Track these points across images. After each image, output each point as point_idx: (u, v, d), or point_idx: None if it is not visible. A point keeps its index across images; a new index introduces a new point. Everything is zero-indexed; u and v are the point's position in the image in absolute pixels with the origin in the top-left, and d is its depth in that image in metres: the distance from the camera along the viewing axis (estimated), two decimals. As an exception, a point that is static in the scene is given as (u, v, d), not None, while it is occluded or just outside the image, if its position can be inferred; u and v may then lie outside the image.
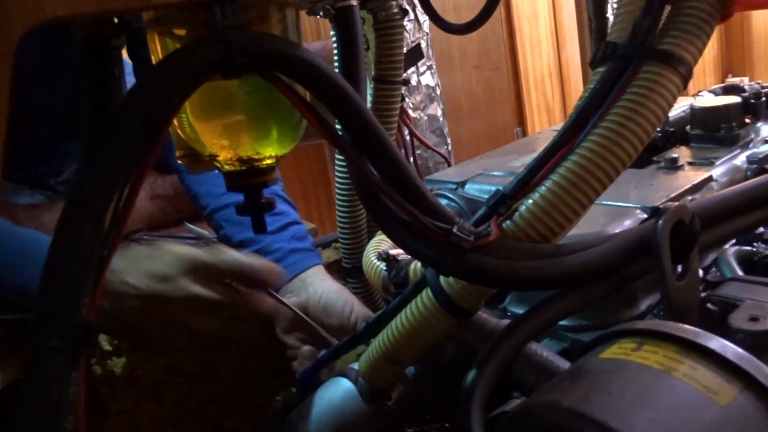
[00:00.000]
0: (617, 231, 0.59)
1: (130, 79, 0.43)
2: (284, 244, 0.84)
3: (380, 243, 0.70)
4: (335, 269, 0.92)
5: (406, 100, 1.42)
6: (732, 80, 3.49)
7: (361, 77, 0.50)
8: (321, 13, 0.52)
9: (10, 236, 0.64)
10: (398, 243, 0.47)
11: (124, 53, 0.48)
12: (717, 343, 0.34)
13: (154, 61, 0.44)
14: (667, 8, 0.50)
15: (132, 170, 0.34)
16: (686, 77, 0.49)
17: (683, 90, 0.50)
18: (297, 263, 0.83)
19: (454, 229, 0.43)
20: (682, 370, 0.32)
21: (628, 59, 0.49)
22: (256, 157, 0.44)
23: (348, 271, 0.88)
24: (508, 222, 0.48)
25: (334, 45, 0.76)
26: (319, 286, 0.81)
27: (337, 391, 0.62)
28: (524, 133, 2.65)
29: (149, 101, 0.33)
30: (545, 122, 2.73)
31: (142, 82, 0.34)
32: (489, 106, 2.54)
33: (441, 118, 1.50)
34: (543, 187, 0.47)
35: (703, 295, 0.50)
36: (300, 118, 0.45)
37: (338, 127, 0.43)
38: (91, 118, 0.38)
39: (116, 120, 0.32)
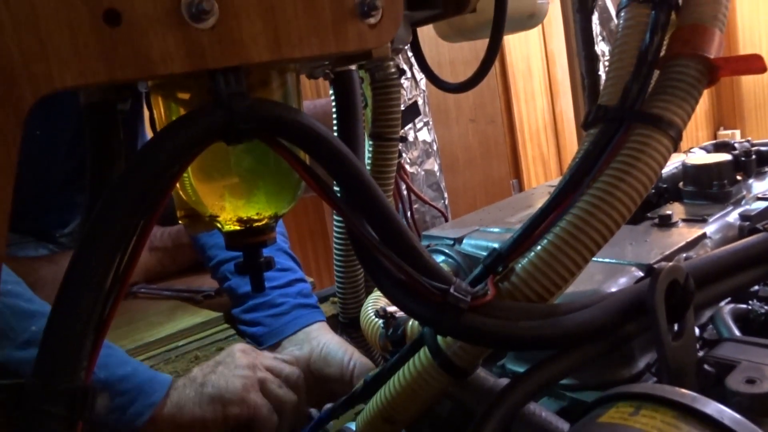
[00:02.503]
0: (613, 289, 0.60)
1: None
2: (290, 299, 0.85)
3: (378, 299, 0.70)
4: (332, 324, 0.92)
5: (404, 155, 1.44)
6: (723, 133, 3.56)
7: (359, 139, 0.51)
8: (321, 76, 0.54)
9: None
10: (395, 302, 0.47)
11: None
12: (714, 409, 0.34)
13: (158, 123, 0.45)
14: (657, 73, 0.52)
15: (134, 231, 0.35)
16: (676, 140, 0.50)
17: (674, 151, 0.51)
18: (302, 317, 0.84)
19: (451, 290, 0.43)
20: (679, 435, 0.32)
21: (619, 122, 0.50)
22: (256, 217, 0.44)
23: (345, 326, 0.88)
24: (504, 281, 0.48)
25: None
26: (322, 339, 0.82)
27: (334, 452, 0.61)
28: (520, 185, 2.68)
29: (153, 165, 0.33)
30: (540, 174, 2.77)
31: (147, 147, 0.34)
32: (485, 158, 2.58)
33: (438, 173, 1.53)
34: (539, 247, 0.48)
35: (700, 354, 0.50)
36: (299, 178, 0.46)
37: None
38: (95, 181, 0.39)
39: (121, 183, 0.33)
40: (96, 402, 0.32)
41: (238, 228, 0.45)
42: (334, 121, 0.62)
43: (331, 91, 0.78)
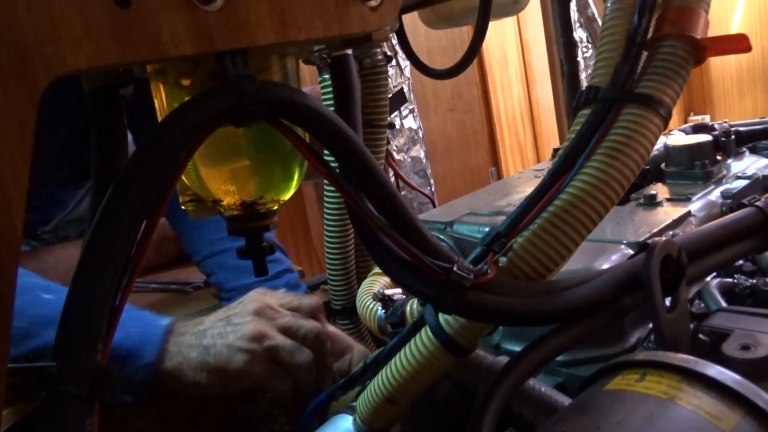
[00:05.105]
0: (605, 266, 0.61)
1: None
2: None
3: (372, 284, 0.71)
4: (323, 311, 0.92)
5: (391, 142, 1.45)
6: (693, 118, 3.63)
7: (357, 122, 0.51)
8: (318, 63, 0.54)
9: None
10: (398, 282, 0.47)
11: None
12: (715, 371, 0.35)
13: (158, 109, 0.45)
14: (645, 54, 0.53)
15: (146, 215, 0.35)
16: (666, 118, 0.51)
17: (663, 130, 0.53)
18: None
19: (455, 268, 0.44)
20: (685, 398, 0.33)
21: (610, 102, 0.51)
22: (259, 201, 0.45)
23: (337, 312, 0.88)
24: (503, 259, 0.49)
25: (321, 89, 0.79)
26: None
27: (335, 434, 0.62)
28: (499, 173, 2.70)
29: (165, 149, 0.34)
30: (518, 161, 2.79)
31: (157, 131, 0.34)
32: (463, 147, 2.59)
33: (424, 160, 1.54)
34: (536, 225, 0.49)
35: (690, 326, 0.52)
36: (301, 162, 0.46)
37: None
38: (100, 167, 0.39)
39: (133, 167, 0.33)
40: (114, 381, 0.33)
41: (241, 212, 0.46)
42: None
43: (319, 79, 0.78)
